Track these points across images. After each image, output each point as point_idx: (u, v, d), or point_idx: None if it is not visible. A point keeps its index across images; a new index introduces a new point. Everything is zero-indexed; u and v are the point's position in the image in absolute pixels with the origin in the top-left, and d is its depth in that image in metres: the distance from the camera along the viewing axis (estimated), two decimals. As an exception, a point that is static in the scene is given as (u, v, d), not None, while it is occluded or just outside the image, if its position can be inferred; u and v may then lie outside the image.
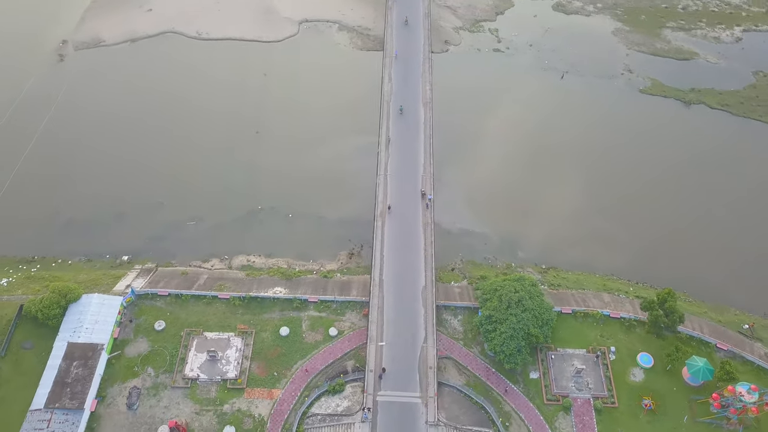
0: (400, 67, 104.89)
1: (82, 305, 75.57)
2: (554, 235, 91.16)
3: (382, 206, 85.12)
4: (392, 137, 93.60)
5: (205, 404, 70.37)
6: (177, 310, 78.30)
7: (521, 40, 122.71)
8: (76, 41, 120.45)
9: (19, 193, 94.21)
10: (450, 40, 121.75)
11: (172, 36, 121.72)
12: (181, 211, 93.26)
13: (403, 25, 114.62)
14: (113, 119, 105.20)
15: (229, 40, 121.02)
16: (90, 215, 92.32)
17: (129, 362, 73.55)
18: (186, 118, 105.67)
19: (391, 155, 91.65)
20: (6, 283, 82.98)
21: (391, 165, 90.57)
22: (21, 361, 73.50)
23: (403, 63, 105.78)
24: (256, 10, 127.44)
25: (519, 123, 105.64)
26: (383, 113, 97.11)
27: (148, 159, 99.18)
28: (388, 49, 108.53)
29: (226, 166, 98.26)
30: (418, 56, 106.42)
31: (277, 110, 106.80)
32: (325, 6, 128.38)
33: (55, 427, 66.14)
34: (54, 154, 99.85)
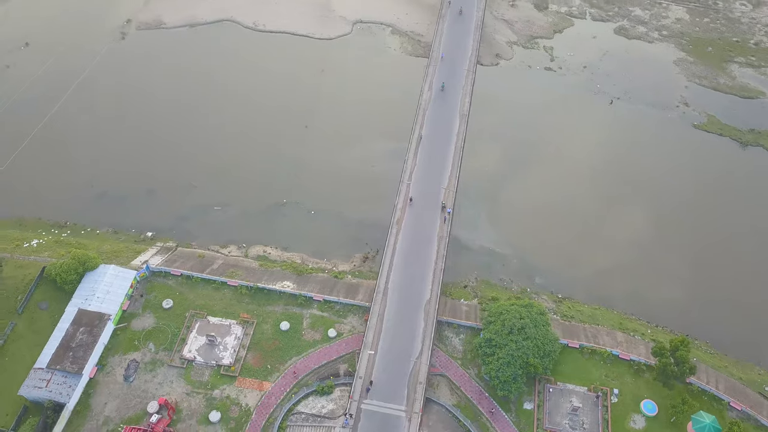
0: (442, 77, 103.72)
1: (97, 274, 78.51)
2: (575, 265, 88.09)
3: (399, 213, 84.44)
4: (422, 146, 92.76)
5: (197, 386, 71.73)
6: (186, 291, 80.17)
7: (576, 60, 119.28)
8: (139, 21, 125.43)
9: (63, 160, 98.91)
10: (502, 54, 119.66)
11: (229, 24, 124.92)
12: (210, 196, 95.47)
13: (453, 34, 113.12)
14: (160, 100, 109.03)
15: (282, 33, 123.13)
16: (124, 189, 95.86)
17: (133, 335, 75.84)
18: (231, 105, 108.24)
19: (418, 164, 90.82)
20: (36, 244, 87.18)
21: (416, 173, 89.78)
22: (36, 319, 77.02)
23: (446, 72, 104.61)
24: (314, 6, 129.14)
25: (558, 145, 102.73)
26: (417, 121, 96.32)
27: (188, 141, 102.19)
28: (433, 57, 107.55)
29: (261, 156, 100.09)
30: (463, 67, 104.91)
31: (317, 107, 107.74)
32: (381, 8, 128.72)
33: (53, 387, 68.91)
34: (99, 127, 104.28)
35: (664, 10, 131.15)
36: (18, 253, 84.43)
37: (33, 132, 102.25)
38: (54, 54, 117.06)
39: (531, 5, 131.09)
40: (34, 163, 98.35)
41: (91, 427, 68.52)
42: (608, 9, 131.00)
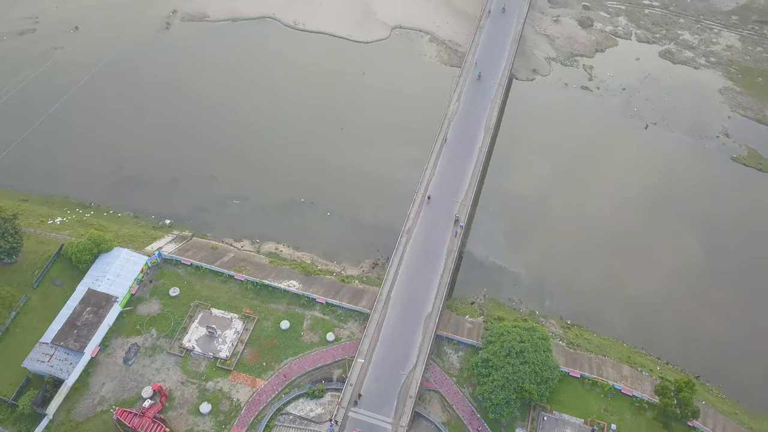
0: (473, 88, 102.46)
1: (111, 257, 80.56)
2: (588, 292, 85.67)
3: (411, 222, 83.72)
4: (442, 156, 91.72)
5: (192, 376, 72.71)
6: (194, 281, 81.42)
7: (615, 81, 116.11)
8: (184, 12, 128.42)
9: (95, 142, 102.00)
10: (539, 70, 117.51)
11: (270, 21, 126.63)
12: (230, 188, 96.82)
13: (489, 45, 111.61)
14: (194, 90, 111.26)
15: (321, 33, 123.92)
16: (149, 175, 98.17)
17: (138, 319, 77.47)
18: (263, 101, 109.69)
19: (436, 174, 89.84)
20: (59, 221, 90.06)
21: (433, 183, 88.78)
22: (49, 294, 79.52)
23: (476, 84, 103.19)
24: (355, 8, 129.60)
25: (586, 167, 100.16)
26: (441, 130, 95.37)
27: (216, 133, 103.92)
28: (465, 68, 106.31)
29: (286, 153, 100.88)
30: (495, 79, 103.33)
31: (348, 109, 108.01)
32: (422, 15, 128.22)
33: (55, 362, 71.00)
34: (134, 112, 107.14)
35: (714, 36, 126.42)
36: (41, 229, 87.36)
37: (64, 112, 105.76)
38: (100, 39, 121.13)
39: (575, 22, 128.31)
40: (67, 142, 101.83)
41: (87, 405, 70.25)
42: (655, 31, 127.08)
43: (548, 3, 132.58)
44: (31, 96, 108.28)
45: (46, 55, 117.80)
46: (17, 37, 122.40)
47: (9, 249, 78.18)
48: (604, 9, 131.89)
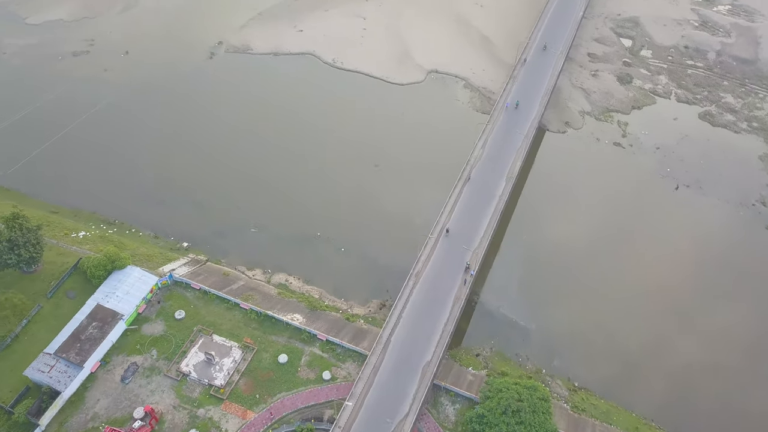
0: (499, 135, 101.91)
1: (123, 274, 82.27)
2: (600, 355, 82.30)
3: (420, 266, 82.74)
4: (461, 201, 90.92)
5: (185, 401, 72.67)
6: (200, 306, 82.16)
7: (649, 140, 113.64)
8: (229, 44, 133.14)
9: (127, 161, 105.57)
10: (571, 123, 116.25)
11: (310, 58, 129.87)
12: (250, 216, 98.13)
13: (521, 95, 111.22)
14: (228, 118, 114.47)
15: (358, 73, 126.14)
16: (173, 197, 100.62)
17: (141, 339, 78.37)
18: (294, 133, 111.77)
19: (452, 219, 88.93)
20: (82, 235, 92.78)
21: (450, 229, 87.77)
22: (61, 305, 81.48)
23: (503, 132, 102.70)
24: (393, 50, 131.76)
25: (609, 224, 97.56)
26: (462, 176, 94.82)
27: (244, 161, 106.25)
28: (494, 116, 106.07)
29: (308, 186, 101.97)
30: (522, 129, 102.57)
31: (374, 149, 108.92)
32: (459, 61, 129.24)
33: (55, 373, 72.20)
34: (167, 135, 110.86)
35: (759, 100, 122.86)
36: (64, 242, 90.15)
37: (101, 131, 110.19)
38: (147, 64, 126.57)
39: (614, 77, 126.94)
40: (101, 158, 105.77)
41: (80, 419, 70.90)
42: (697, 92, 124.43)
43: (588, 57, 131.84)
44: (72, 113, 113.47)
45: (95, 75, 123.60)
46: (72, 57, 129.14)
47: (29, 258, 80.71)
48: (645, 66, 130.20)
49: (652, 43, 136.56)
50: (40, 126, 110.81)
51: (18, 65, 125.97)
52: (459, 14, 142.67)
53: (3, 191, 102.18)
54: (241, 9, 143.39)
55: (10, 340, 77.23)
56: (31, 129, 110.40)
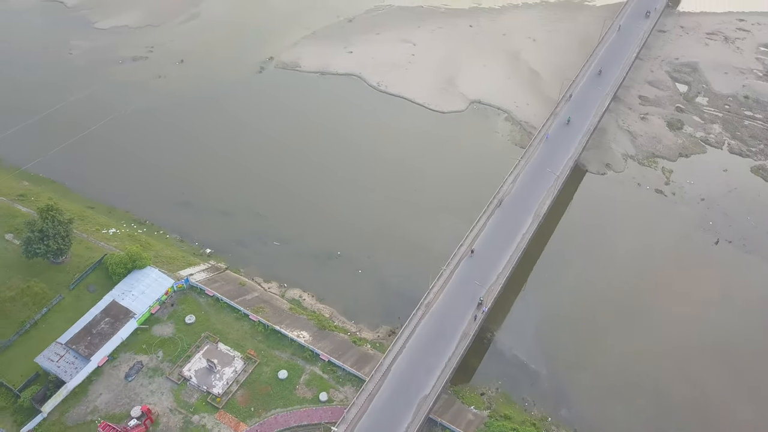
0: (531, 171, 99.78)
1: (142, 274, 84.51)
2: (612, 409, 78.27)
3: (432, 297, 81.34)
4: (482, 235, 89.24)
5: (181, 406, 73.44)
6: (210, 313, 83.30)
7: (694, 190, 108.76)
8: (279, 60, 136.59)
9: (166, 164, 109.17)
10: (612, 165, 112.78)
11: (355, 79, 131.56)
12: (275, 229, 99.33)
13: (562, 128, 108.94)
14: (268, 131, 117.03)
15: (400, 98, 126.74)
16: (203, 204, 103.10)
17: (150, 339, 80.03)
18: (328, 150, 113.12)
19: (473, 261, 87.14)
20: (112, 233, 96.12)
21: (466, 261, 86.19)
22: (81, 298, 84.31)
23: (538, 166, 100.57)
24: (438, 78, 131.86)
25: (639, 274, 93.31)
26: (488, 210, 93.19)
27: (275, 173, 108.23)
28: (529, 151, 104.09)
29: (333, 204, 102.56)
30: (556, 168, 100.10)
31: (406, 174, 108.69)
32: (504, 93, 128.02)
33: (63, 363, 74.45)
34: (207, 143, 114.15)
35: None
36: (94, 237, 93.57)
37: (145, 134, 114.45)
38: (199, 74, 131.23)
39: (664, 122, 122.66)
40: (141, 160, 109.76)
41: (80, 411, 72.69)
42: (752, 144, 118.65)
43: (639, 99, 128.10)
44: (119, 114, 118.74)
45: (149, 80, 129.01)
46: (132, 62, 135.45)
47: (56, 250, 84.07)
48: (699, 114, 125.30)
49: (709, 90, 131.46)
50: (86, 123, 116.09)
51: (81, 66, 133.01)
52: (510, 46, 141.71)
53: (48, 183, 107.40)
54: (296, 27, 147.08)
55: (29, 326, 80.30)
56: (77, 125, 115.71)
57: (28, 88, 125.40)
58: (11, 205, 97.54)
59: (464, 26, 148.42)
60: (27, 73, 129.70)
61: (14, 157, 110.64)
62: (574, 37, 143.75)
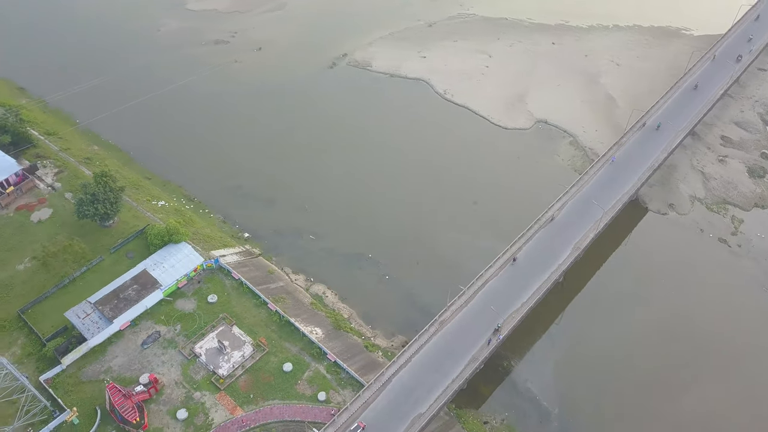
0: (583, 199, 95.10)
1: (176, 248, 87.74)
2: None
3: (448, 314, 79.40)
4: (519, 259, 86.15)
5: (187, 380, 75.71)
6: (233, 295, 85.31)
7: (764, 244, 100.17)
8: (352, 57, 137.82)
9: (226, 146, 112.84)
10: (676, 206, 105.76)
11: (423, 85, 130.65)
12: (313, 223, 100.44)
13: (622, 164, 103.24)
14: (325, 126, 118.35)
15: (465, 108, 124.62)
16: (252, 189, 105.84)
17: (171, 311, 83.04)
18: (382, 153, 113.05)
19: (501, 276, 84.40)
20: (161, 205, 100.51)
21: (492, 283, 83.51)
22: (118, 263, 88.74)
23: (588, 194, 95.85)
24: (508, 93, 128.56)
25: (686, 329, 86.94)
26: (526, 233, 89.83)
27: (327, 168, 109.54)
28: (584, 179, 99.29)
29: (378, 207, 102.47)
30: (607, 202, 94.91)
31: (452, 185, 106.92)
32: (573, 116, 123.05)
33: (87, 321, 78.64)
34: (266, 130, 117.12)
35: None
36: (143, 207, 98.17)
37: (212, 116, 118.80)
38: (273, 63, 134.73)
39: (744, 167, 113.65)
40: (204, 139, 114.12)
41: (95, 369, 76.54)
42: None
43: (720, 140, 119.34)
44: (193, 95, 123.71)
45: (225, 64, 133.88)
46: (213, 45, 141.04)
47: (104, 214, 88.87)
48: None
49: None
50: (157, 98, 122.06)
51: (166, 43, 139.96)
52: (590, 68, 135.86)
53: (115, 150, 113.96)
54: (375, 27, 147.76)
55: (67, 281, 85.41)
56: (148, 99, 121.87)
57: (112, 55, 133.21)
58: (77, 166, 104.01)
59: (546, 43, 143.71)
60: (115, 42, 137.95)
61: (82, 114, 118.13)
62: (661, 66, 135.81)
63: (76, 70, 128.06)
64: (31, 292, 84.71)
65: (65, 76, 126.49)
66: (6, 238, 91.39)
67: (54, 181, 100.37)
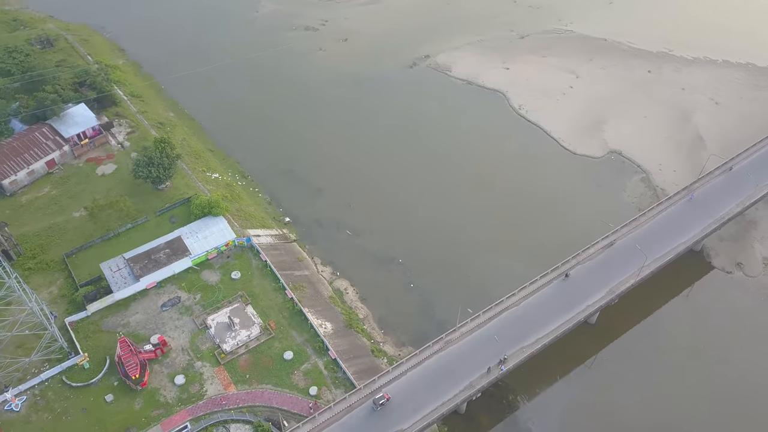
0: (628, 244, 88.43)
1: (212, 221, 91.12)
2: None
3: (456, 335, 76.88)
4: (544, 291, 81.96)
5: (193, 349, 78.59)
6: (256, 275, 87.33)
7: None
8: (433, 60, 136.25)
9: (290, 132, 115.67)
10: (745, 266, 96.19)
11: (498, 96, 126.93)
12: (354, 219, 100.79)
13: (689, 207, 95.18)
14: (387, 126, 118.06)
15: (536, 126, 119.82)
16: (304, 176, 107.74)
17: (196, 280, 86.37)
18: (440, 159, 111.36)
19: (521, 306, 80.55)
20: (214, 177, 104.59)
21: (511, 312, 79.93)
22: (161, 225, 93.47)
23: (642, 236, 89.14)
24: (586, 117, 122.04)
25: (732, 410, 79.21)
26: (562, 267, 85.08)
27: (378, 168, 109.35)
28: (641, 219, 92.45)
29: (420, 214, 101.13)
30: (658, 249, 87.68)
31: (501, 202, 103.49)
32: (652, 152, 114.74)
33: (117, 275, 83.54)
34: (330, 120, 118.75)
35: None
36: (197, 176, 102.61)
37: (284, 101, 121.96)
38: (355, 56, 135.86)
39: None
40: (267, 119, 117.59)
41: (115, 321, 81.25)
42: None
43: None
44: (271, 77, 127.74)
45: (310, 51, 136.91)
46: (303, 30, 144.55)
47: (155, 177, 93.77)
48: None
49: None
50: (236, 73, 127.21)
51: (259, 24, 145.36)
52: (684, 104, 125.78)
53: (189, 119, 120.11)
54: (466, 32, 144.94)
55: (112, 234, 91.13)
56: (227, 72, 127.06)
57: (208, 28, 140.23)
58: (149, 129, 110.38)
59: (641, 70, 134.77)
60: (213, 16, 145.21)
61: (168, 81, 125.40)
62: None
63: (172, 40, 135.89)
64: (80, 238, 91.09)
65: (161, 45, 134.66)
66: (71, 186, 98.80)
67: (124, 140, 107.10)
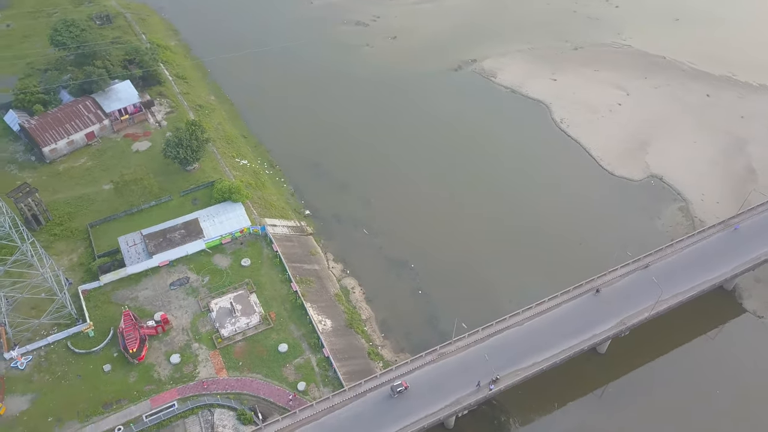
0: (650, 275, 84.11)
1: (230, 207, 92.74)
2: None
3: (452, 347, 75.35)
4: (552, 313, 79.25)
5: (192, 330, 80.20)
6: (266, 265, 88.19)
7: None
8: (479, 65, 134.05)
9: (325, 124, 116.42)
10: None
11: (541, 108, 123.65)
12: (373, 219, 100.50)
13: (722, 243, 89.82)
14: (421, 129, 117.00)
15: (575, 142, 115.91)
16: (329, 171, 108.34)
17: (206, 263, 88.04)
18: (470, 168, 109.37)
19: (524, 327, 78.08)
20: (242, 163, 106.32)
21: (513, 331, 77.61)
22: (183, 206, 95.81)
23: (660, 272, 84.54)
24: (630, 138, 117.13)
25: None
26: (573, 291, 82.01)
27: (406, 171, 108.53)
28: (667, 250, 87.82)
29: (441, 221, 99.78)
30: (682, 283, 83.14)
31: (523, 215, 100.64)
32: (696, 180, 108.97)
33: (132, 251, 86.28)
34: (362, 115, 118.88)
35: None
36: (226, 161, 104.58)
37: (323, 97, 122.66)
38: (401, 54, 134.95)
39: None
40: (304, 111, 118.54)
41: (124, 294, 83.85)
42: None
43: None
44: (313, 68, 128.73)
45: (356, 46, 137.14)
46: (353, 25, 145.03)
47: (183, 159, 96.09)
48: None
49: None
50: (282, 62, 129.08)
51: (312, 16, 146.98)
52: (741, 132, 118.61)
53: (228, 104, 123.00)
54: (517, 39, 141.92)
55: (136, 210, 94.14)
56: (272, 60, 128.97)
57: (262, 16, 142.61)
58: (187, 111, 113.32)
59: (699, 92, 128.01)
60: (268, 4, 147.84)
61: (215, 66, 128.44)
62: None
63: (226, 24, 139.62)
64: (107, 210, 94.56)
65: (214, 28, 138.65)
66: (106, 159, 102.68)
67: (162, 119, 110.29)
